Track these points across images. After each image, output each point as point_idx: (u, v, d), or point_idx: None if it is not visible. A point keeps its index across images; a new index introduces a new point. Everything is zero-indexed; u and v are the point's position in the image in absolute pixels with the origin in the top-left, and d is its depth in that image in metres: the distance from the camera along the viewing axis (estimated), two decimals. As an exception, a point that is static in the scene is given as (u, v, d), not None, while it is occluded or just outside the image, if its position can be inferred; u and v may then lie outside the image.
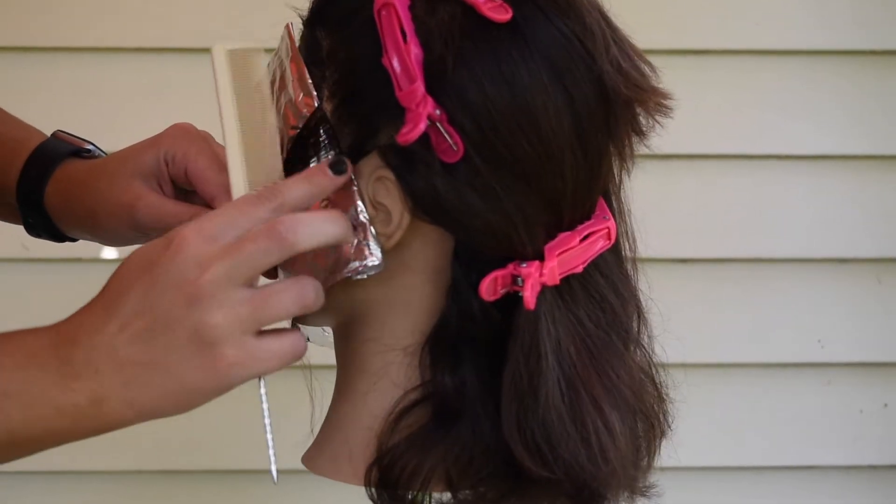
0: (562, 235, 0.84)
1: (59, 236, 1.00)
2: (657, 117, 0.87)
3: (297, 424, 0.96)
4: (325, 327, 0.97)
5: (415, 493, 0.84)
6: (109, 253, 1.69)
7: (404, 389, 0.86)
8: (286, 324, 0.96)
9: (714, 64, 1.71)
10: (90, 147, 0.99)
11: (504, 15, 0.81)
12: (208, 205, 0.91)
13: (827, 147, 1.73)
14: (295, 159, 0.87)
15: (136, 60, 1.66)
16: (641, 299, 0.91)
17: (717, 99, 1.70)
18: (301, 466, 0.93)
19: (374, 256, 0.85)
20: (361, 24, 0.84)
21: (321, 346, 0.97)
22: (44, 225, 0.98)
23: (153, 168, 0.91)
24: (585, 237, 0.85)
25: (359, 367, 0.89)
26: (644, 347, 0.91)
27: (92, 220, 0.94)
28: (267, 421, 0.84)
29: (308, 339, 0.95)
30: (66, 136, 1.01)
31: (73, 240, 0.99)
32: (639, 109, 0.86)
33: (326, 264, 0.86)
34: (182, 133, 0.93)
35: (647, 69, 0.87)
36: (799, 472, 1.76)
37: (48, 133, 1.02)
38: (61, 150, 0.98)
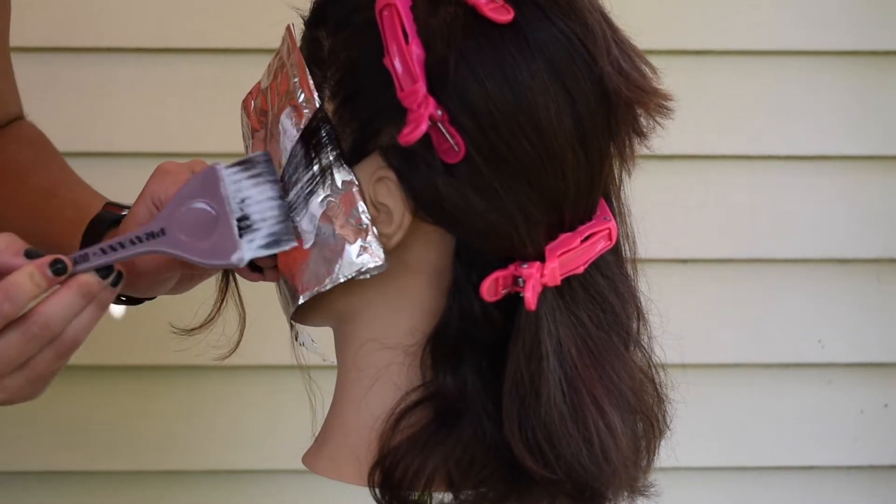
0: (563, 236, 0.85)
1: (133, 300, 1.04)
2: (658, 118, 0.87)
3: (298, 425, 0.96)
4: (313, 339, 0.97)
5: (418, 493, 0.84)
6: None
7: (405, 390, 0.86)
8: (310, 332, 0.97)
9: (714, 65, 1.71)
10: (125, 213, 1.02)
11: (505, 16, 0.81)
12: None
13: (827, 147, 1.73)
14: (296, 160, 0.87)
15: (136, 60, 1.66)
16: (641, 300, 0.92)
17: (716, 99, 1.70)
18: (301, 466, 0.93)
19: (376, 257, 0.85)
20: (363, 25, 0.84)
21: (313, 353, 0.97)
22: None
23: (146, 217, 0.95)
24: (586, 238, 0.85)
25: (359, 368, 0.89)
26: (643, 348, 0.91)
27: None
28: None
29: (303, 345, 0.95)
30: (113, 207, 1.06)
31: (151, 298, 1.03)
32: (639, 110, 0.86)
33: (328, 266, 0.86)
34: (162, 173, 0.96)
35: (647, 70, 0.87)
36: (799, 472, 1.76)
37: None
38: (106, 221, 1.04)
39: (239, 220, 0.85)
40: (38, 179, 1.13)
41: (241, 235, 0.85)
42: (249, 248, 0.85)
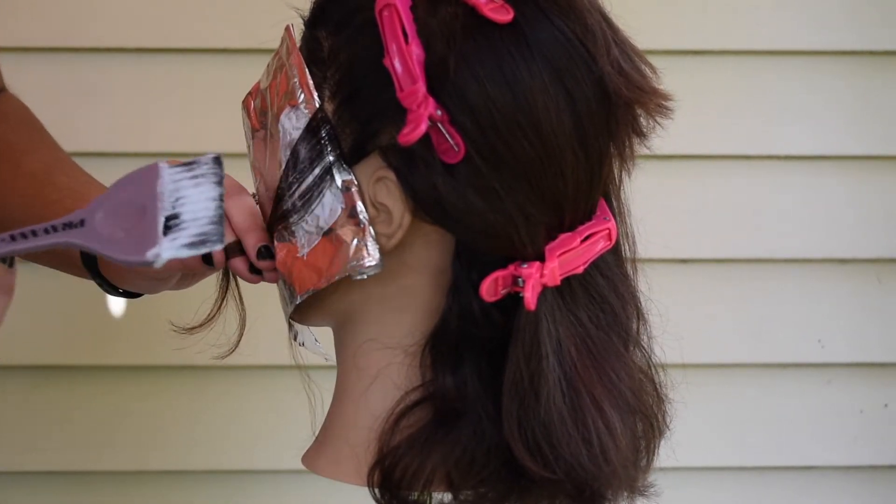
0: (562, 236, 0.85)
1: (132, 294, 1.05)
2: (658, 118, 0.87)
3: (298, 425, 0.96)
4: (316, 339, 0.97)
5: (417, 493, 0.84)
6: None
7: (405, 390, 0.86)
8: (313, 332, 0.97)
9: (714, 65, 1.71)
10: None
11: (505, 16, 0.81)
12: None
13: (826, 147, 1.73)
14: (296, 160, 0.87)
15: (137, 60, 1.66)
16: (641, 300, 0.92)
17: (716, 99, 1.70)
18: (301, 466, 0.93)
19: (372, 257, 0.85)
20: (363, 25, 0.84)
21: (313, 353, 0.97)
22: (110, 286, 1.04)
23: None
24: (586, 238, 0.86)
25: (359, 368, 0.90)
26: (643, 348, 0.91)
27: (120, 277, 1.01)
28: None
29: (302, 345, 0.95)
30: None
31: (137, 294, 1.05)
32: (639, 111, 0.86)
33: (326, 264, 0.86)
34: None
35: (647, 70, 0.87)
36: (799, 472, 1.76)
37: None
38: None
39: (168, 217, 0.82)
40: (32, 162, 1.12)
41: (165, 233, 0.82)
42: (171, 247, 0.81)
